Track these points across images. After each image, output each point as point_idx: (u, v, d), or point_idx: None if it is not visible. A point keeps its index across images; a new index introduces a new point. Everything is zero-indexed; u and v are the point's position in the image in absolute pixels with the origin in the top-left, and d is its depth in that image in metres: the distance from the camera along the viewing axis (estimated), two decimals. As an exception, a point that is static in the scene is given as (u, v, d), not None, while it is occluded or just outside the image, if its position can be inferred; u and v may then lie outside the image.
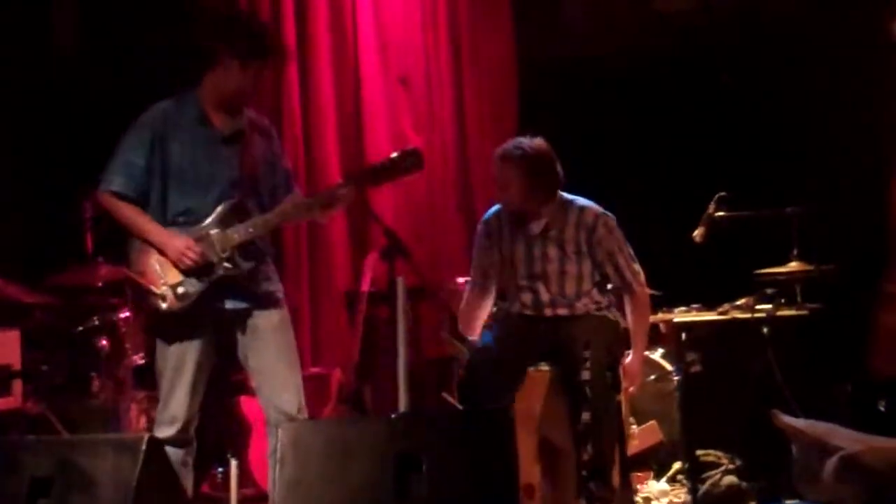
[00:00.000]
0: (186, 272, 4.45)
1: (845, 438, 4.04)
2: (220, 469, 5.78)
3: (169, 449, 4.41)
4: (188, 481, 4.59)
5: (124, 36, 6.81)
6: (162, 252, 4.46)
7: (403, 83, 7.23)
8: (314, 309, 6.88)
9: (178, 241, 4.44)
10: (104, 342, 5.79)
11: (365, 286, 6.39)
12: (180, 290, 4.45)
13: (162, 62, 6.23)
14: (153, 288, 4.45)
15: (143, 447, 3.98)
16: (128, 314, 5.78)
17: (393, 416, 4.37)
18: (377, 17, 7.15)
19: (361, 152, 7.04)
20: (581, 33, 7.41)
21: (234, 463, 4.05)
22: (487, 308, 5.19)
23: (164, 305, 4.45)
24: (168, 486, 4.25)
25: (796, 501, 4.17)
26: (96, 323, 5.81)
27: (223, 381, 5.58)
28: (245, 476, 5.56)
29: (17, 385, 5.51)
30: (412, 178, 5.14)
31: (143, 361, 5.78)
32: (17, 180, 6.44)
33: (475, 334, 5.15)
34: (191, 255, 4.42)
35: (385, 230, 4.64)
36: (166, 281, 4.45)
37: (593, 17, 7.41)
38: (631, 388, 4.99)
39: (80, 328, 5.83)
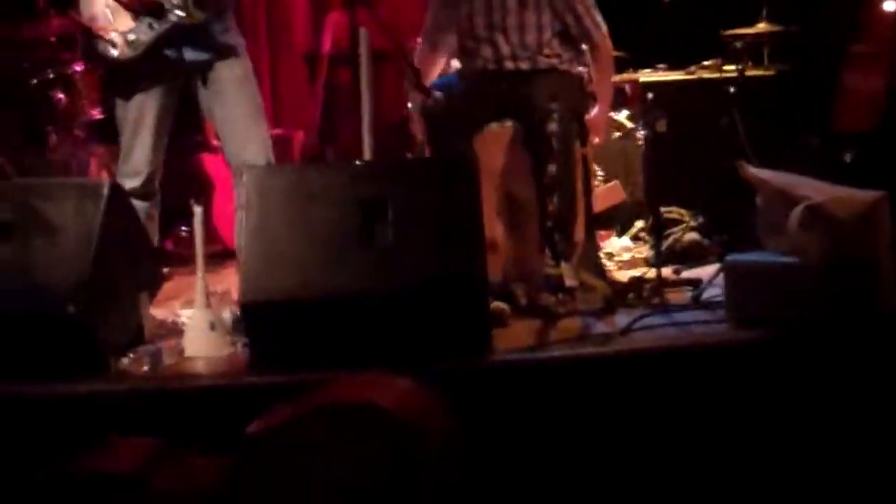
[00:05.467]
0: (137, 18, 4.33)
1: (811, 188, 4.02)
2: (184, 227, 5.75)
3: (134, 202, 4.37)
4: (154, 234, 4.58)
5: None
6: None
7: None
8: (273, 70, 6.75)
9: None
10: (60, 96, 5.68)
11: (326, 46, 6.27)
12: (131, 36, 4.34)
13: None
14: (103, 34, 4.34)
15: (106, 192, 3.93)
16: (83, 67, 5.64)
17: (357, 162, 4.32)
18: None
19: None
20: None
21: (198, 210, 3.98)
22: (439, 66, 5.09)
23: (114, 52, 4.35)
24: (133, 233, 4.22)
25: (758, 252, 4.18)
26: (51, 76, 5.69)
27: (183, 140, 5.50)
28: (209, 233, 5.53)
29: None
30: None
31: (101, 116, 5.69)
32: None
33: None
34: None
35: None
36: (116, 27, 4.34)
37: None
38: (596, 140, 4.94)
39: (35, 81, 5.71)
